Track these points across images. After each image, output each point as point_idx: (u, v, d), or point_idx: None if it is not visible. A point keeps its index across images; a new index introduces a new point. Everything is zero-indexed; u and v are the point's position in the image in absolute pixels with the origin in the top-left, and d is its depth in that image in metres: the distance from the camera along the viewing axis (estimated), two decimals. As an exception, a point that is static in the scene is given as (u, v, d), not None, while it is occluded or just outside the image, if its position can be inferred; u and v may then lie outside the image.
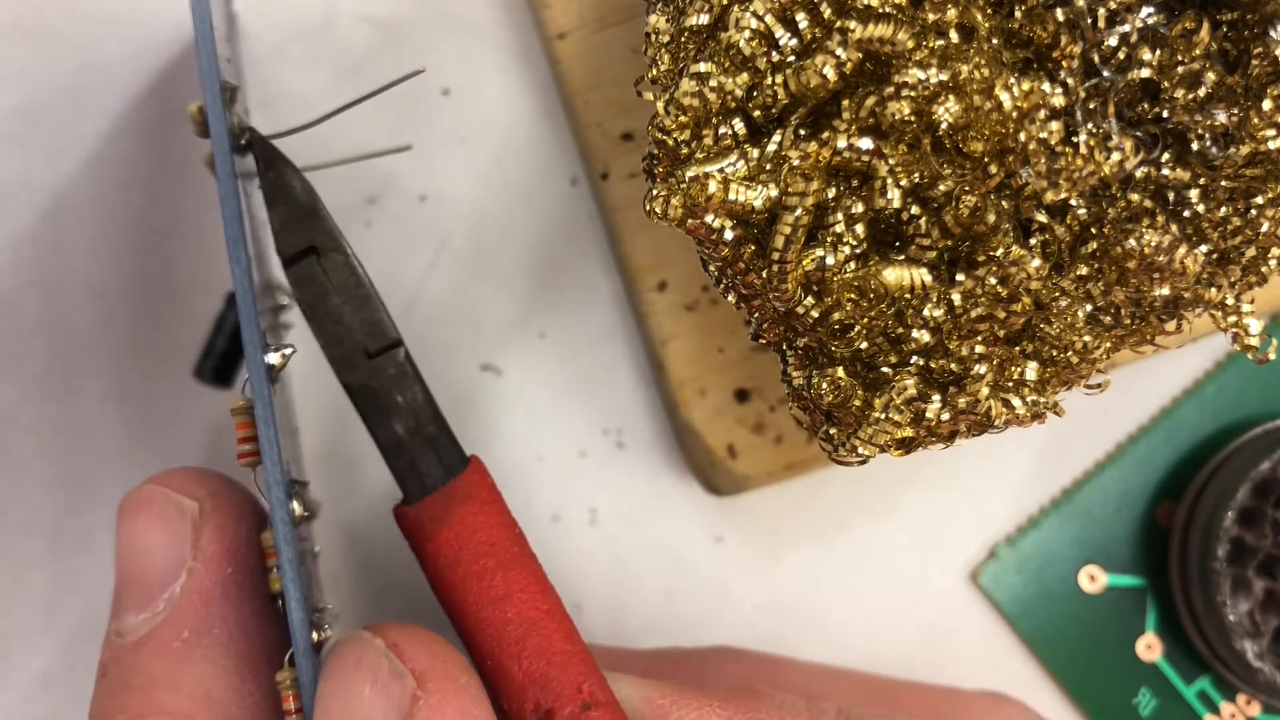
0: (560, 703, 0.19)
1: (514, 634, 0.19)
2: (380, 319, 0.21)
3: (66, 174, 0.31)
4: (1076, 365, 0.19)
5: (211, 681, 0.19)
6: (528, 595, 0.20)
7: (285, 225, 0.20)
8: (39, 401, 0.30)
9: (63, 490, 0.30)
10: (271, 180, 0.20)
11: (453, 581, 0.20)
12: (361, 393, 0.20)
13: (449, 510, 0.20)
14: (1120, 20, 0.18)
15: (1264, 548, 0.27)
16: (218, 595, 0.20)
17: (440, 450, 0.21)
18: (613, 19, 0.28)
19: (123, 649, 0.20)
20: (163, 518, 0.20)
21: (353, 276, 0.21)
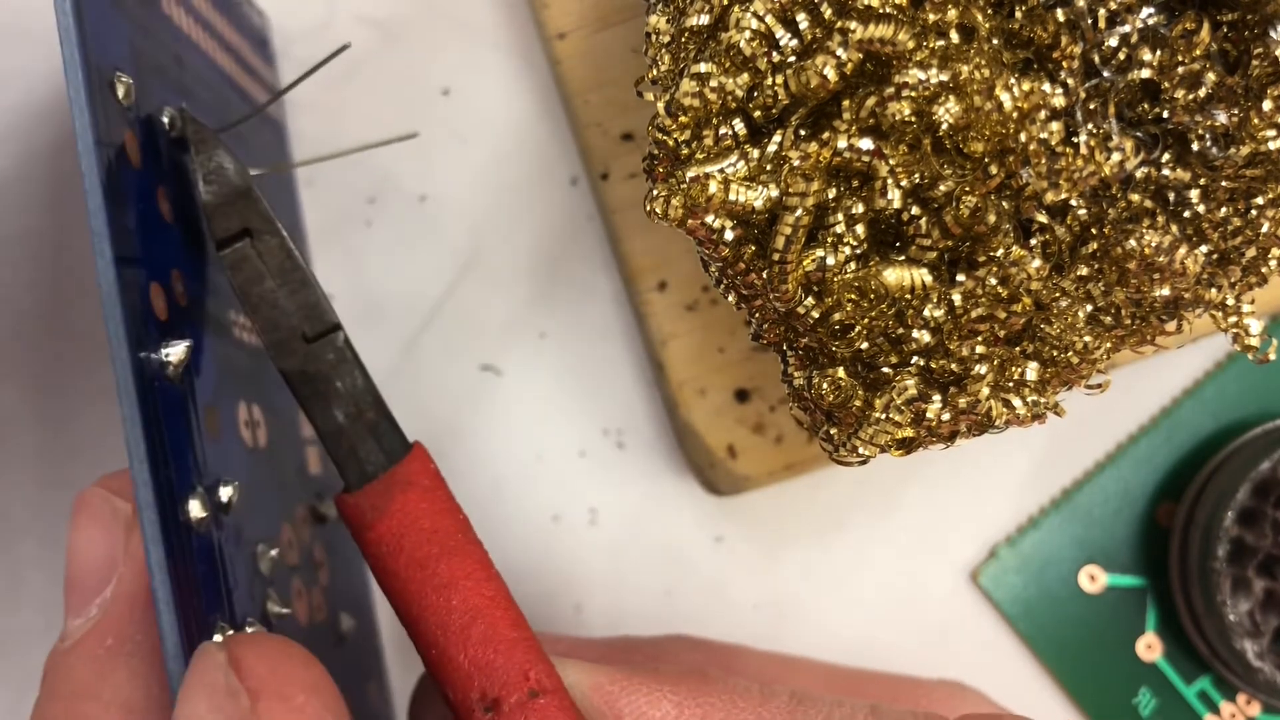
0: (507, 691, 0.19)
1: (459, 622, 0.19)
2: (318, 302, 0.20)
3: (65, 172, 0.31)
4: (1077, 365, 0.19)
5: (130, 690, 0.19)
6: (472, 583, 0.19)
7: (218, 208, 0.20)
8: (39, 401, 0.30)
9: (63, 490, 0.30)
10: (203, 161, 0.20)
11: (395, 570, 0.19)
12: (300, 379, 0.20)
13: (389, 498, 0.20)
14: (1120, 21, 0.18)
15: (1264, 548, 0.27)
16: (143, 600, 0.19)
17: (381, 436, 0.20)
18: (613, 19, 0.28)
19: (58, 654, 0.20)
20: (99, 520, 0.20)
21: (288, 260, 0.20)
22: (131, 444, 0.18)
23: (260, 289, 0.20)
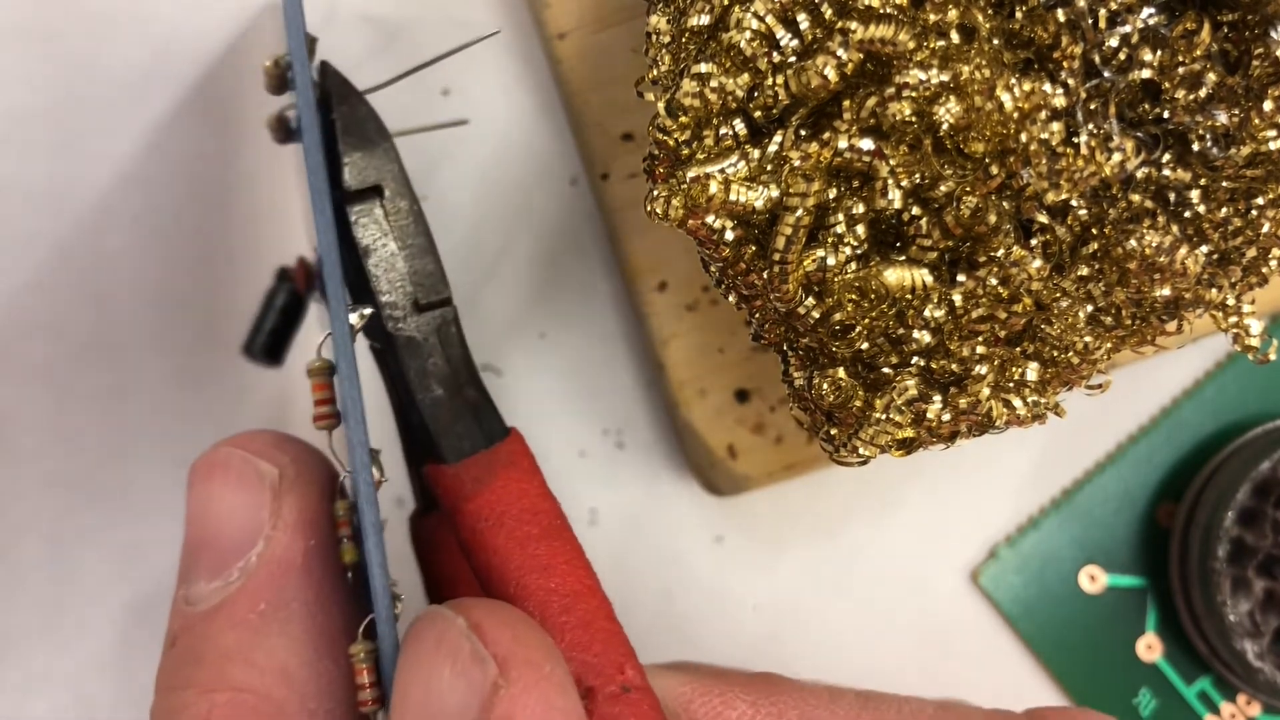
0: (601, 681, 0.18)
1: (558, 605, 0.19)
2: (436, 272, 0.20)
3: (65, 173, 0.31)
4: (1077, 366, 0.19)
5: (287, 656, 0.18)
6: (570, 568, 0.19)
7: (355, 161, 0.20)
8: (39, 401, 0.30)
9: (63, 490, 0.30)
10: (345, 114, 0.20)
11: (494, 545, 0.19)
12: (405, 345, 0.20)
13: (491, 473, 0.19)
14: (1121, 21, 0.18)
15: (1264, 548, 0.27)
16: (297, 566, 0.19)
17: (481, 416, 0.20)
18: (613, 19, 0.28)
19: (193, 618, 0.19)
20: (241, 482, 0.19)
21: (414, 224, 0.20)
22: (349, 403, 0.17)
23: (383, 249, 0.20)
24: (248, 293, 0.30)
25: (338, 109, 0.20)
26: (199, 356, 0.30)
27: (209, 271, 0.30)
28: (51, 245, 0.30)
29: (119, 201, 0.30)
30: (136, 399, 0.30)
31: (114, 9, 0.31)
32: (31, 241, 0.30)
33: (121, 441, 0.30)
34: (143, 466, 0.30)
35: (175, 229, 0.31)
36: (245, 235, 0.31)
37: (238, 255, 0.30)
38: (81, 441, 0.30)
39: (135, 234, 0.30)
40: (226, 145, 0.31)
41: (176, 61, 0.31)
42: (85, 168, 0.31)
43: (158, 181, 0.31)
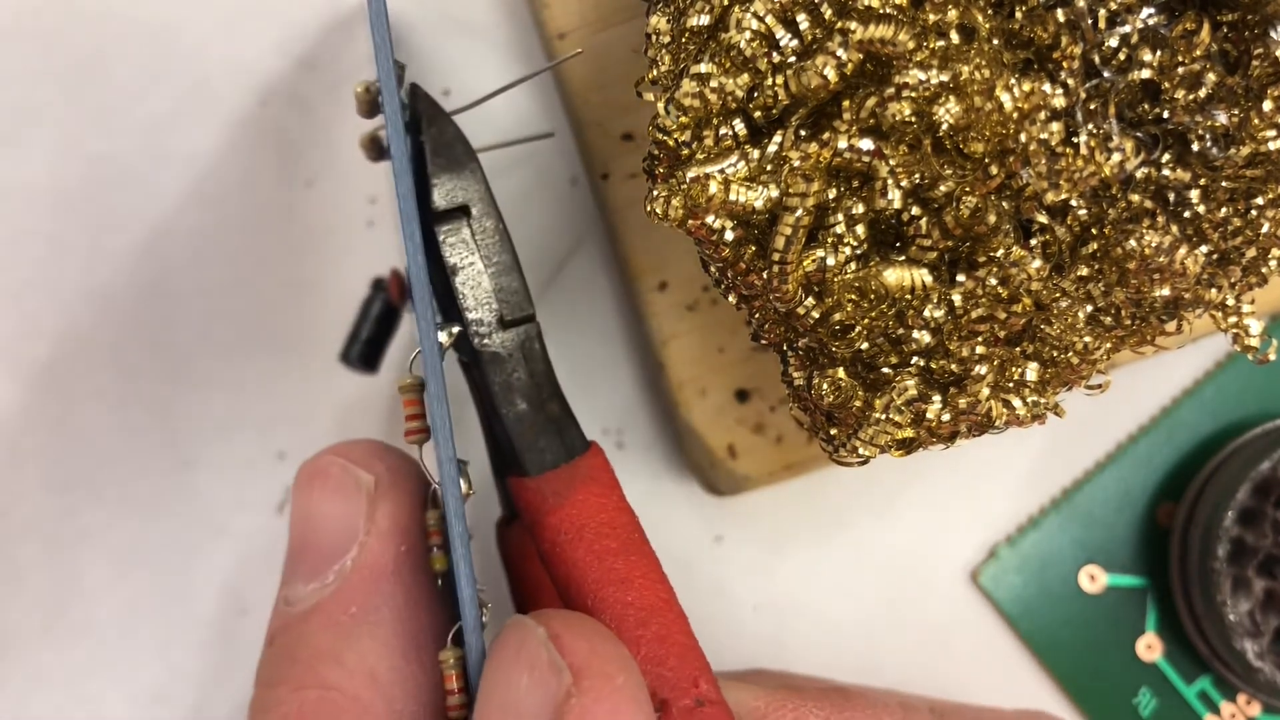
0: (676, 694, 0.19)
1: (635, 618, 0.19)
2: (520, 289, 0.21)
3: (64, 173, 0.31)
4: (1077, 366, 0.19)
5: (375, 659, 0.19)
6: (648, 582, 0.19)
7: (443, 182, 0.20)
8: (39, 401, 0.30)
9: (62, 490, 0.30)
10: (434, 136, 0.20)
11: (573, 558, 0.19)
12: (490, 360, 0.20)
13: (572, 487, 0.20)
14: (1121, 21, 0.18)
15: (1264, 547, 0.27)
16: (388, 572, 0.19)
17: (563, 430, 0.21)
18: (613, 19, 0.28)
19: (291, 618, 0.20)
20: (339, 489, 0.20)
21: (500, 243, 0.20)
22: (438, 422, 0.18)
23: (470, 267, 0.20)
24: (247, 293, 0.31)
25: (427, 131, 0.20)
26: (199, 357, 0.30)
27: (208, 272, 0.30)
28: (51, 245, 0.30)
29: (120, 202, 0.30)
30: (136, 399, 0.30)
31: (114, 9, 0.31)
32: (31, 241, 0.30)
33: (121, 441, 0.30)
34: (143, 466, 0.30)
35: (175, 229, 0.31)
36: (246, 236, 0.31)
37: (238, 255, 0.31)
38: (81, 441, 0.30)
39: (134, 234, 0.30)
40: (228, 145, 0.31)
41: (176, 60, 0.31)
42: (85, 168, 0.31)
43: (157, 181, 0.31)
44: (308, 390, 0.30)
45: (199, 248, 0.30)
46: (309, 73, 0.30)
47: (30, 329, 0.30)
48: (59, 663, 0.30)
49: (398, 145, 0.19)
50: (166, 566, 0.30)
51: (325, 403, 0.30)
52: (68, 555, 0.30)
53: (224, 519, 0.30)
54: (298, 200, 0.31)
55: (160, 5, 0.31)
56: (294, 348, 0.30)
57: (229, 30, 0.31)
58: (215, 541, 0.30)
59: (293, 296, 0.30)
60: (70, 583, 0.30)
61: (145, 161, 0.31)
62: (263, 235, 0.31)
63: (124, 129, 0.31)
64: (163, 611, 0.30)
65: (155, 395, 0.30)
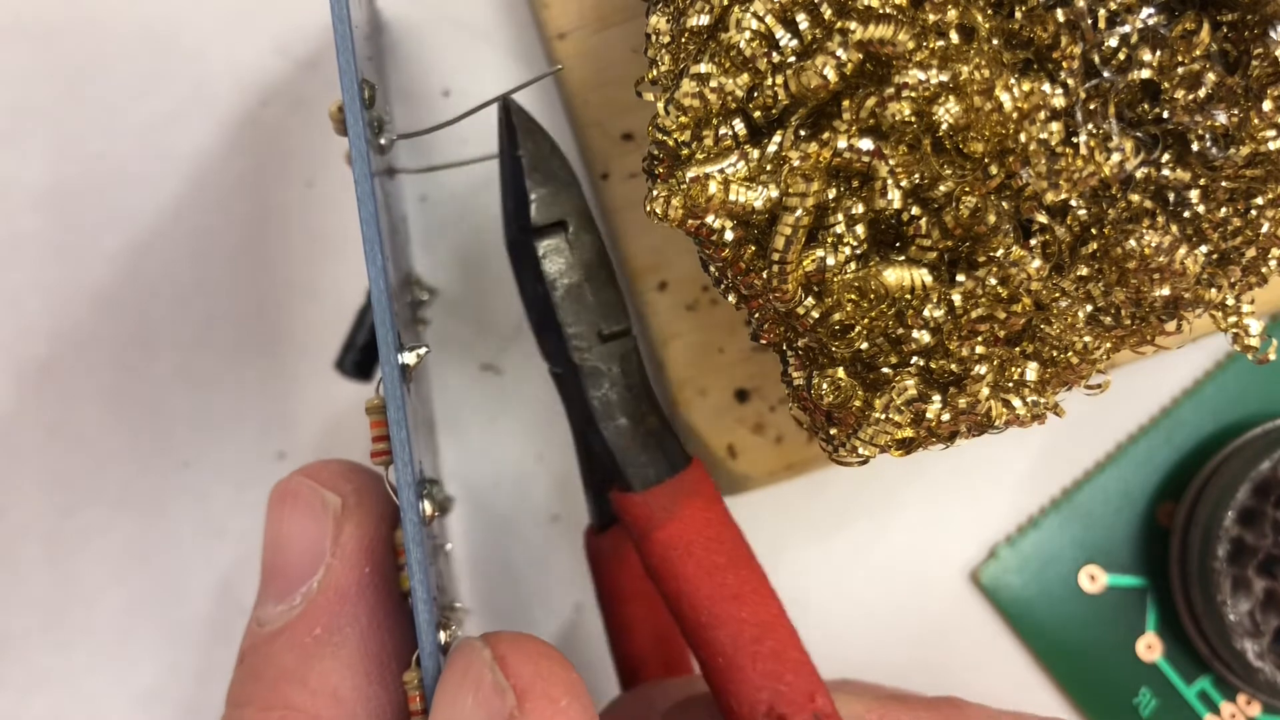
0: (793, 709, 0.19)
1: (750, 634, 0.19)
2: (618, 303, 0.21)
3: (62, 173, 0.31)
4: (1077, 365, 0.19)
5: (338, 680, 0.19)
6: (759, 597, 0.20)
7: (542, 197, 0.20)
8: (39, 401, 0.30)
9: (63, 490, 0.30)
10: (531, 150, 0.20)
11: (684, 574, 0.19)
12: (590, 374, 0.20)
13: (678, 502, 0.20)
14: (1120, 21, 0.18)
15: (1264, 547, 0.27)
16: (353, 593, 0.20)
17: (664, 445, 0.21)
18: (613, 19, 0.28)
19: (260, 638, 0.20)
20: (308, 510, 0.20)
21: (598, 258, 0.21)
22: (396, 446, 0.18)
23: (569, 281, 0.20)
24: (247, 293, 0.31)
25: (523, 145, 0.21)
26: (199, 357, 0.30)
27: (208, 272, 0.30)
28: (51, 245, 0.30)
29: (120, 202, 0.30)
30: (137, 399, 0.30)
31: (114, 9, 0.31)
32: (31, 241, 0.31)
33: (121, 441, 0.30)
34: (143, 466, 0.30)
35: (175, 229, 0.31)
36: (246, 236, 0.31)
37: (238, 255, 0.31)
38: (81, 441, 0.30)
39: (134, 234, 0.30)
40: (228, 145, 0.31)
41: (176, 60, 0.31)
42: (85, 168, 0.31)
43: (157, 181, 0.31)
44: (307, 390, 0.30)
45: (199, 248, 0.30)
46: (309, 73, 0.30)
47: (30, 329, 0.30)
48: (59, 663, 0.30)
49: (360, 167, 0.19)
50: (166, 566, 0.30)
51: (325, 403, 0.30)
52: (68, 555, 0.30)
53: (224, 519, 0.30)
54: (298, 200, 0.31)
55: (160, 5, 0.31)
56: (293, 348, 0.30)
57: (229, 30, 0.31)
58: (215, 541, 0.30)
59: (292, 297, 0.30)
60: (70, 583, 0.30)
61: (145, 161, 0.31)
62: (263, 235, 0.31)
63: (124, 129, 0.31)
64: (162, 611, 0.30)
65: (155, 395, 0.30)
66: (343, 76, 0.19)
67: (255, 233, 0.31)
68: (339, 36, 0.19)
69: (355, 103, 0.19)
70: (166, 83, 0.31)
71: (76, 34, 0.31)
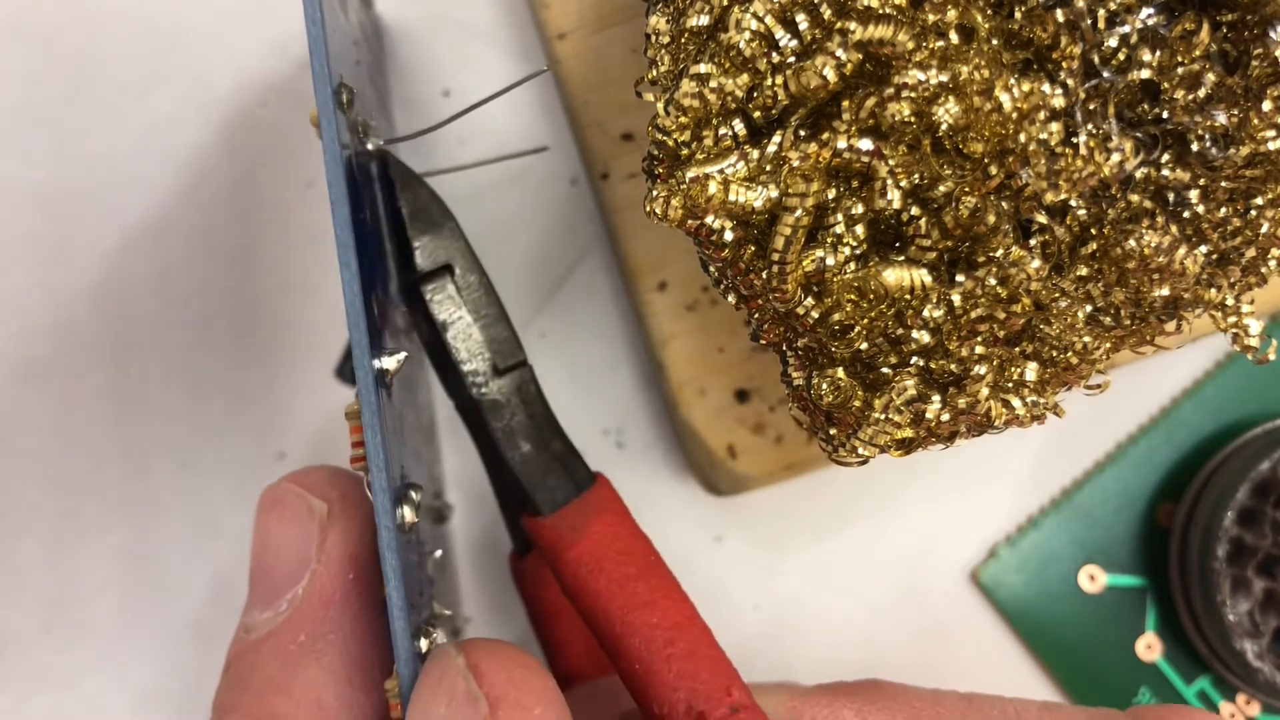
0: (710, 705, 0.19)
1: (662, 638, 0.20)
2: (510, 338, 0.21)
3: (61, 173, 0.31)
4: (1076, 366, 0.19)
5: (322, 688, 0.19)
6: (670, 602, 0.20)
7: (425, 244, 0.21)
8: (39, 401, 0.30)
9: (63, 490, 0.30)
10: (409, 200, 0.21)
11: (596, 589, 0.20)
12: (491, 407, 0.21)
13: (585, 520, 0.21)
14: (1120, 21, 0.18)
15: (1264, 548, 0.27)
16: (337, 599, 0.20)
17: (568, 466, 0.21)
18: (613, 19, 0.28)
19: (246, 645, 0.20)
20: (294, 516, 0.20)
21: (485, 296, 0.21)
22: (371, 452, 0.18)
23: (459, 322, 0.21)
24: (246, 293, 0.31)
25: (402, 195, 0.21)
26: (199, 357, 0.30)
27: (208, 272, 0.30)
28: (51, 245, 0.30)
29: (120, 202, 0.30)
30: (137, 399, 0.30)
31: (114, 9, 0.31)
32: (31, 241, 0.31)
33: (121, 441, 0.30)
34: (143, 467, 0.30)
35: (175, 229, 0.31)
36: (246, 236, 0.31)
37: (237, 256, 0.31)
38: (81, 441, 0.30)
39: (134, 234, 0.30)
40: (228, 145, 0.31)
41: (176, 61, 0.31)
42: (85, 168, 0.31)
43: (157, 181, 0.31)
44: (307, 391, 0.30)
45: (199, 248, 0.30)
46: (309, 73, 0.30)
47: (30, 329, 0.30)
48: (59, 663, 0.30)
49: (334, 170, 0.19)
50: (166, 566, 0.30)
51: (324, 404, 0.30)
52: (68, 555, 0.30)
53: (223, 519, 0.30)
54: (298, 200, 0.31)
55: (160, 5, 0.31)
56: (292, 348, 0.30)
57: (229, 30, 0.31)
58: (214, 541, 0.30)
59: (292, 297, 0.30)
60: (70, 583, 0.30)
61: (145, 161, 0.31)
62: (263, 236, 0.31)
63: (124, 129, 0.31)
64: (162, 611, 0.30)
65: (154, 395, 0.30)
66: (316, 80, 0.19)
67: (255, 233, 0.31)
68: (312, 40, 0.19)
69: (329, 105, 0.19)
70: (166, 83, 0.31)
71: (76, 34, 0.31)
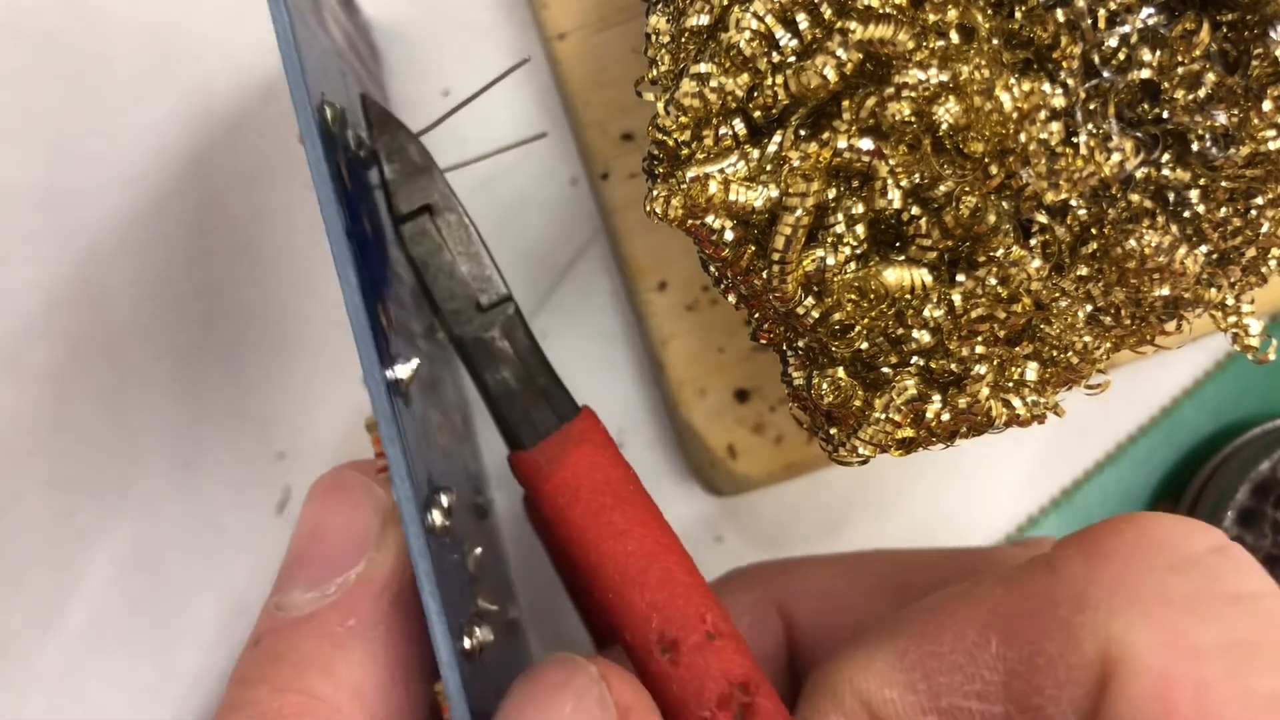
0: (684, 633, 0.19)
1: (636, 566, 0.20)
2: (492, 275, 0.21)
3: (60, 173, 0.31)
4: (1077, 365, 0.19)
5: (364, 675, 0.19)
6: (646, 530, 0.20)
7: (400, 185, 0.21)
8: (39, 401, 0.30)
9: (63, 490, 0.30)
10: (386, 143, 0.21)
11: (571, 519, 0.20)
12: (474, 345, 0.21)
13: (564, 452, 0.21)
14: (1120, 21, 0.18)
15: (1264, 548, 0.27)
16: (392, 592, 0.20)
17: (552, 399, 0.21)
18: (613, 19, 0.28)
19: (282, 622, 0.20)
20: (355, 504, 0.20)
21: (465, 234, 0.21)
22: (392, 462, 0.18)
23: (439, 260, 0.21)
24: (246, 293, 0.31)
25: (379, 139, 0.21)
26: (198, 357, 0.30)
27: (208, 271, 0.30)
28: (51, 245, 0.30)
29: (119, 202, 0.30)
30: (136, 399, 0.30)
31: (114, 9, 0.31)
32: (31, 241, 0.31)
33: (121, 441, 0.30)
34: (143, 466, 0.30)
35: (175, 229, 0.31)
36: (246, 236, 0.31)
37: (237, 256, 0.31)
38: (81, 441, 0.30)
39: (134, 234, 0.30)
40: (228, 145, 0.31)
41: (176, 61, 0.31)
42: (85, 168, 0.31)
43: (157, 181, 0.31)
44: (307, 390, 0.30)
45: (198, 248, 0.30)
46: (309, 73, 0.30)
47: (30, 329, 0.30)
48: (59, 663, 0.30)
49: (324, 190, 0.19)
50: (166, 566, 0.30)
51: (324, 403, 0.30)
52: (68, 555, 0.30)
53: (224, 519, 0.30)
54: (298, 200, 0.31)
55: (160, 5, 0.31)
56: (293, 348, 0.30)
57: (229, 30, 0.31)
58: (215, 541, 0.30)
59: (292, 297, 0.30)
60: (70, 583, 0.30)
61: (144, 161, 0.31)
62: (262, 236, 0.31)
63: (123, 129, 0.31)
64: (161, 612, 0.30)
65: (155, 395, 0.30)
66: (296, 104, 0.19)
67: (255, 233, 0.31)
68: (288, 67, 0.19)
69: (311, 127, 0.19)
70: (166, 82, 0.31)
71: (76, 34, 0.31)
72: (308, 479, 0.30)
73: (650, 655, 0.19)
